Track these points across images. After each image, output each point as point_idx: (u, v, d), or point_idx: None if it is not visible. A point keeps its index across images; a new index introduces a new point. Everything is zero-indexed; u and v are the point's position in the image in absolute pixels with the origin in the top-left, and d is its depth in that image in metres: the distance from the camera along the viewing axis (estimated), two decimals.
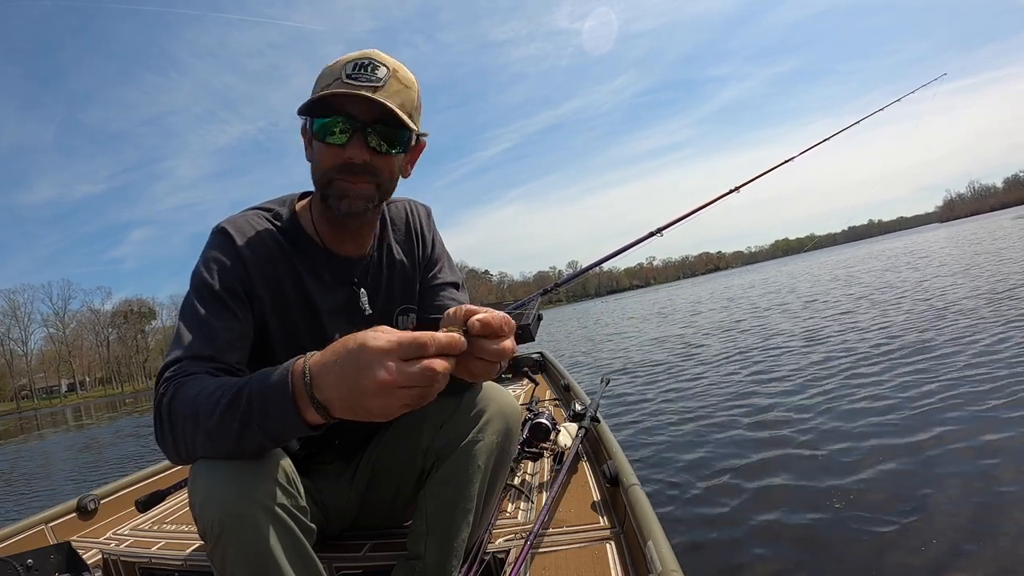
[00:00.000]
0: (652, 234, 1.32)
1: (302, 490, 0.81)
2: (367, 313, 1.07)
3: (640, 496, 1.15)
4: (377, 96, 0.86)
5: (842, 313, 7.14)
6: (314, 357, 0.63)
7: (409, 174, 1.02)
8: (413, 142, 0.96)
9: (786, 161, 1.62)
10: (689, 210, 1.39)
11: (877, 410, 2.95)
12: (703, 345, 6.91)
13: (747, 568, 1.70)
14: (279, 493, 0.75)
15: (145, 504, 1.54)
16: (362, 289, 1.07)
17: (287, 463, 0.80)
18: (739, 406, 3.62)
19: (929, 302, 6.51)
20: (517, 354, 3.86)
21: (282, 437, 0.69)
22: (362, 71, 0.87)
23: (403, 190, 1.04)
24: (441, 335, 0.56)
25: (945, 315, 5.42)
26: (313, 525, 0.81)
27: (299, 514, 0.79)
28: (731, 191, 1.48)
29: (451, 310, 0.61)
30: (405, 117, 0.88)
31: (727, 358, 5.56)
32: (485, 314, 0.59)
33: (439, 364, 0.55)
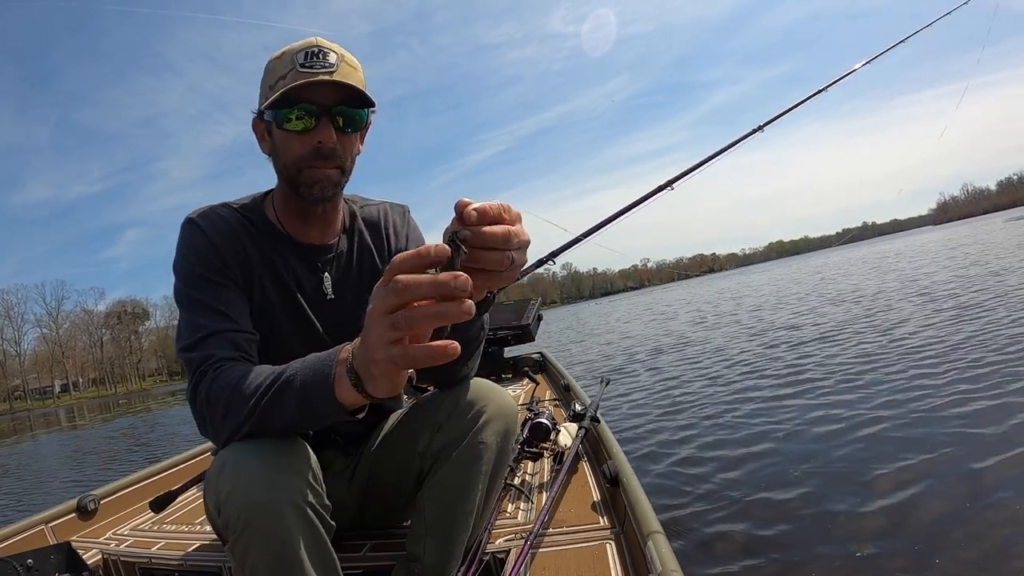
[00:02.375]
0: (663, 187, 1.32)
1: (324, 487, 0.81)
2: (329, 297, 1.09)
3: (640, 496, 1.15)
4: (335, 79, 0.90)
5: (843, 314, 7.19)
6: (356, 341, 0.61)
7: (361, 150, 1.04)
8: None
9: (790, 109, 1.67)
10: (704, 157, 1.40)
11: (882, 412, 2.96)
12: (704, 346, 6.93)
13: (748, 568, 1.71)
14: (306, 489, 0.77)
15: (160, 504, 1.54)
16: (325, 274, 1.09)
17: (313, 459, 0.81)
18: (741, 406, 3.63)
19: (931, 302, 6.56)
20: (517, 354, 3.83)
21: (324, 416, 0.69)
22: (315, 59, 0.90)
23: (402, 188, 1.07)
24: (410, 275, 0.48)
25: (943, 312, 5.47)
26: (333, 523, 0.82)
27: (323, 511, 0.80)
28: (755, 130, 1.51)
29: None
30: (368, 94, 0.92)
31: (729, 358, 5.58)
32: (479, 204, 0.51)
33: (426, 304, 0.48)
